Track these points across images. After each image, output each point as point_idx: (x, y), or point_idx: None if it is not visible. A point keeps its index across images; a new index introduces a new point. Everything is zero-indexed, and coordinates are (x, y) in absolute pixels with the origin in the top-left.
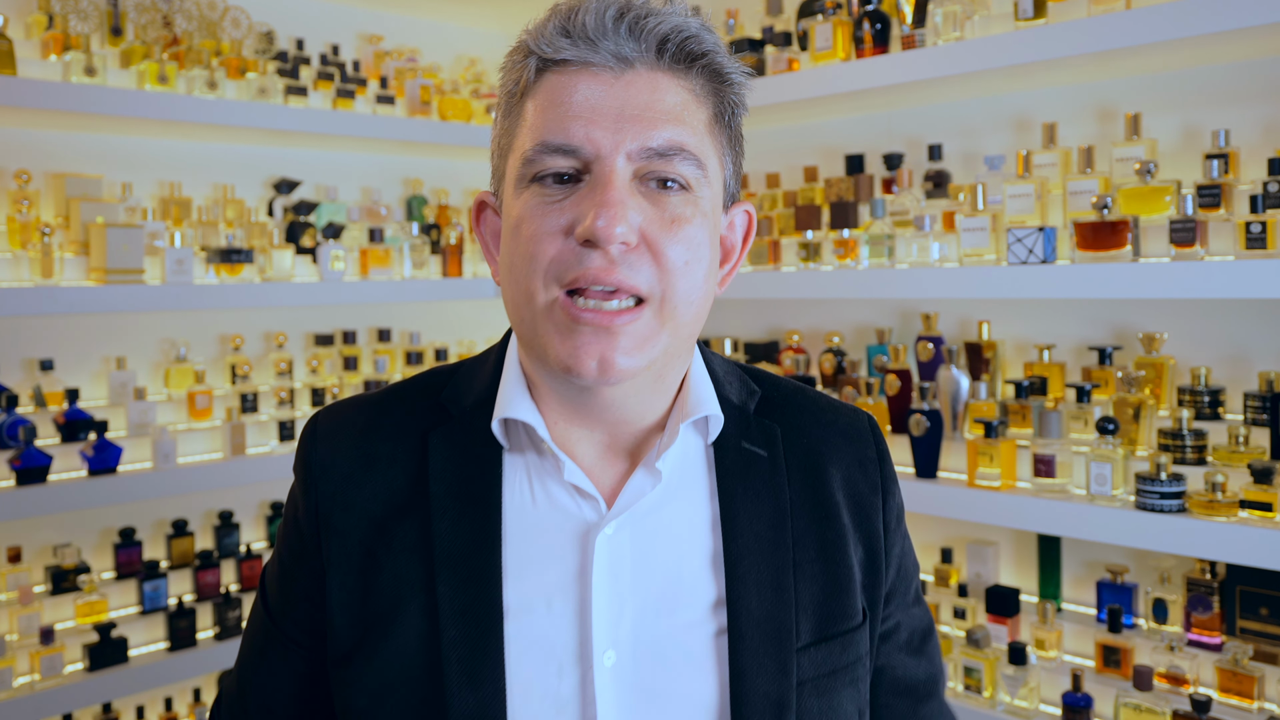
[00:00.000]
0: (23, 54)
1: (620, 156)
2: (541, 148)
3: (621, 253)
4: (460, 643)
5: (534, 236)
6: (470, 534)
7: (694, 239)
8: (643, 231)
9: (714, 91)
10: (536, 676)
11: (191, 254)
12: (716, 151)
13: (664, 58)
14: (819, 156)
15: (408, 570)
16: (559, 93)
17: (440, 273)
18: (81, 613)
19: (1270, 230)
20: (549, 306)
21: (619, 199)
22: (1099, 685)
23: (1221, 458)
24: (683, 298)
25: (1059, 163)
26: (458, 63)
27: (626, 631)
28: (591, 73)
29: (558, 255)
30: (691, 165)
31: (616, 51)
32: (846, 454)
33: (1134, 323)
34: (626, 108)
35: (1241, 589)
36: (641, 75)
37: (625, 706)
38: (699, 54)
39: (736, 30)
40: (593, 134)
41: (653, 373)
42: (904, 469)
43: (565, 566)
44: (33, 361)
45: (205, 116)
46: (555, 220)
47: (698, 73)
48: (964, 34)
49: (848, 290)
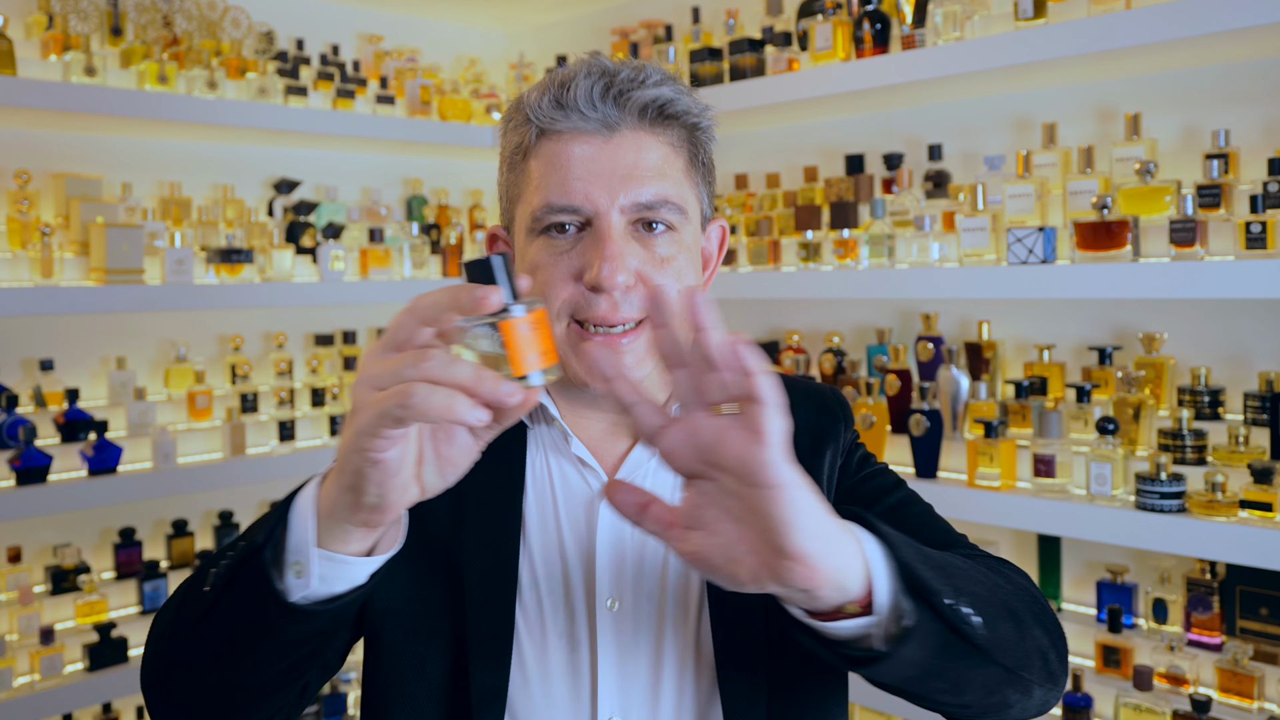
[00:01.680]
0: (23, 54)
1: (615, 211)
2: (548, 208)
3: (622, 294)
4: (481, 571)
5: (549, 282)
6: (496, 484)
7: (679, 270)
8: (637, 271)
9: (688, 139)
10: (555, 617)
11: (191, 254)
12: (694, 191)
13: (645, 120)
14: (819, 156)
15: (438, 506)
16: (558, 156)
17: (440, 273)
18: (81, 613)
19: (1270, 230)
20: (565, 334)
21: (618, 251)
22: (1099, 685)
23: (1221, 458)
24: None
25: (1059, 163)
26: (458, 63)
27: (628, 583)
28: (584, 138)
29: (569, 297)
30: (674, 211)
31: (603, 120)
32: (807, 406)
33: (1134, 323)
34: (617, 168)
35: (1241, 589)
36: (627, 137)
37: (626, 645)
38: (675, 115)
39: (736, 30)
40: (590, 193)
41: (652, 376)
42: (904, 469)
43: (576, 526)
44: (33, 361)
45: (205, 116)
46: (565, 268)
47: (675, 129)
48: (964, 34)
49: (848, 290)
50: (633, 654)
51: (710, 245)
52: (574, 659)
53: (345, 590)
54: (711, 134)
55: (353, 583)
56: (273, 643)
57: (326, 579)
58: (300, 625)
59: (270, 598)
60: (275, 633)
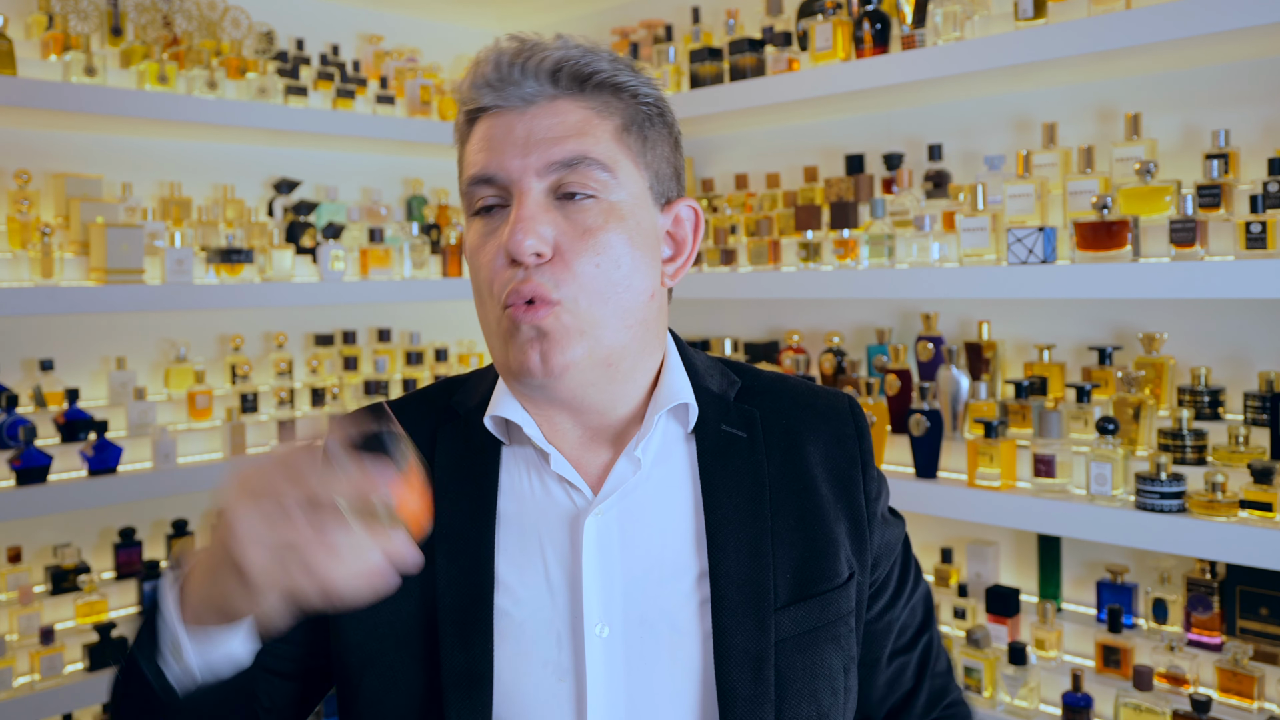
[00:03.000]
0: (23, 54)
1: (530, 176)
2: (470, 181)
3: (535, 264)
4: (454, 609)
5: (481, 264)
6: (467, 512)
7: (608, 244)
8: (556, 243)
9: (617, 106)
10: (537, 646)
11: (191, 254)
12: (629, 157)
13: (559, 85)
14: (819, 156)
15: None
16: (480, 134)
17: (440, 273)
18: (81, 613)
19: (1270, 230)
20: (497, 322)
21: (527, 214)
22: (1099, 685)
23: (1221, 458)
24: (600, 297)
25: (1059, 163)
26: (458, 63)
27: (618, 607)
28: (502, 113)
29: (495, 276)
30: (597, 169)
31: (518, 92)
32: (824, 431)
33: (1134, 323)
34: (533, 134)
35: (1241, 589)
36: (544, 106)
37: (615, 674)
38: (587, 74)
39: (736, 30)
40: (505, 162)
41: (599, 365)
42: (904, 469)
43: (559, 548)
44: (33, 361)
45: (205, 116)
46: (492, 246)
47: (593, 91)
48: (964, 34)
49: (848, 290)
50: (624, 683)
51: (681, 230)
52: (559, 689)
53: (231, 674)
54: (656, 108)
55: (235, 662)
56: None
57: (207, 660)
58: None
59: (156, 699)
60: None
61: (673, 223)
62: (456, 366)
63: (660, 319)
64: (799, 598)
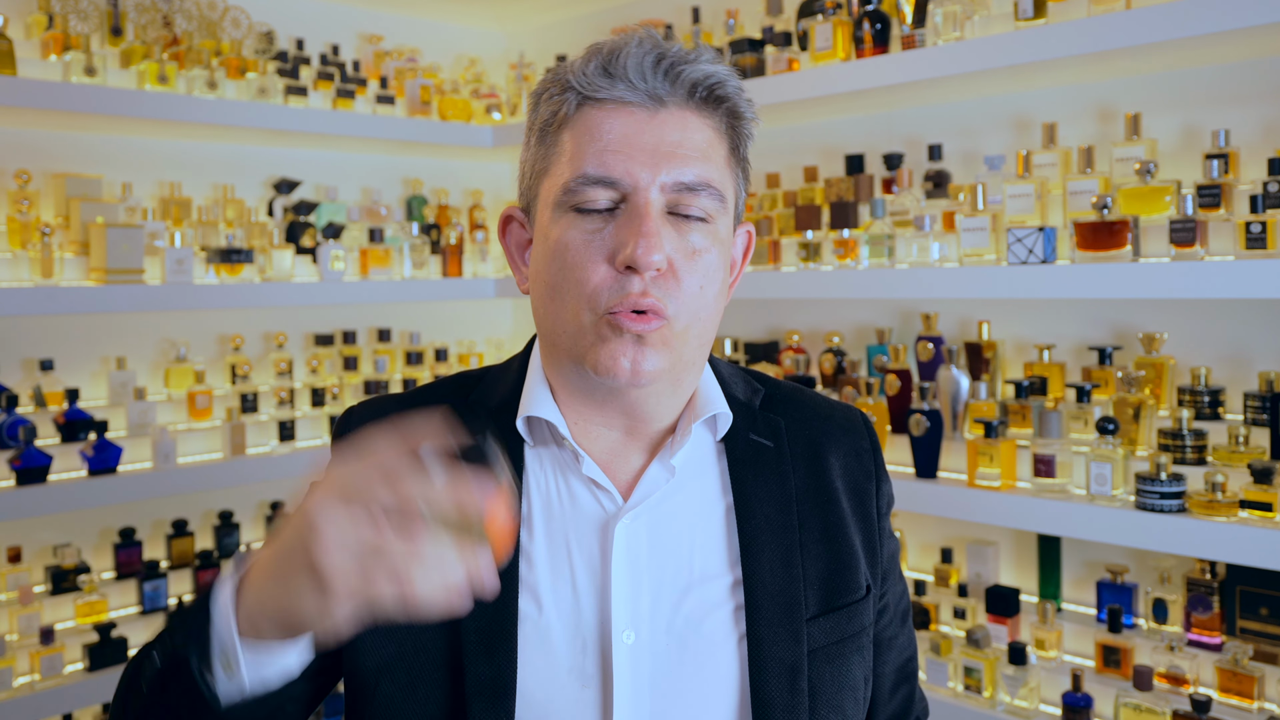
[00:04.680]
0: (23, 54)
1: (655, 189)
2: (583, 179)
3: (653, 278)
4: (478, 615)
5: (579, 264)
6: None
7: (709, 266)
8: (669, 258)
9: (732, 128)
10: (564, 652)
11: (191, 254)
12: (733, 183)
13: (693, 99)
14: (819, 156)
15: None
16: (597, 128)
17: (440, 273)
18: (81, 613)
19: (1270, 230)
20: (593, 324)
21: (655, 229)
22: (1099, 685)
23: (1221, 458)
24: (695, 317)
25: (1059, 163)
26: (458, 63)
27: (645, 614)
28: (628, 110)
29: (601, 282)
30: (714, 199)
31: (652, 92)
32: (843, 444)
33: (1134, 323)
34: (661, 144)
35: (1241, 589)
36: (673, 114)
37: (642, 681)
38: (724, 98)
39: (736, 30)
40: (631, 168)
41: (671, 378)
42: (904, 469)
43: (588, 553)
44: (33, 361)
45: (205, 116)
46: (599, 250)
47: (722, 114)
48: (964, 34)
49: (848, 290)
50: (650, 691)
51: (736, 250)
52: (582, 696)
53: (280, 683)
54: (751, 130)
55: (286, 674)
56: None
57: (259, 673)
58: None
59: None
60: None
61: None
62: (456, 366)
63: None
64: (827, 609)
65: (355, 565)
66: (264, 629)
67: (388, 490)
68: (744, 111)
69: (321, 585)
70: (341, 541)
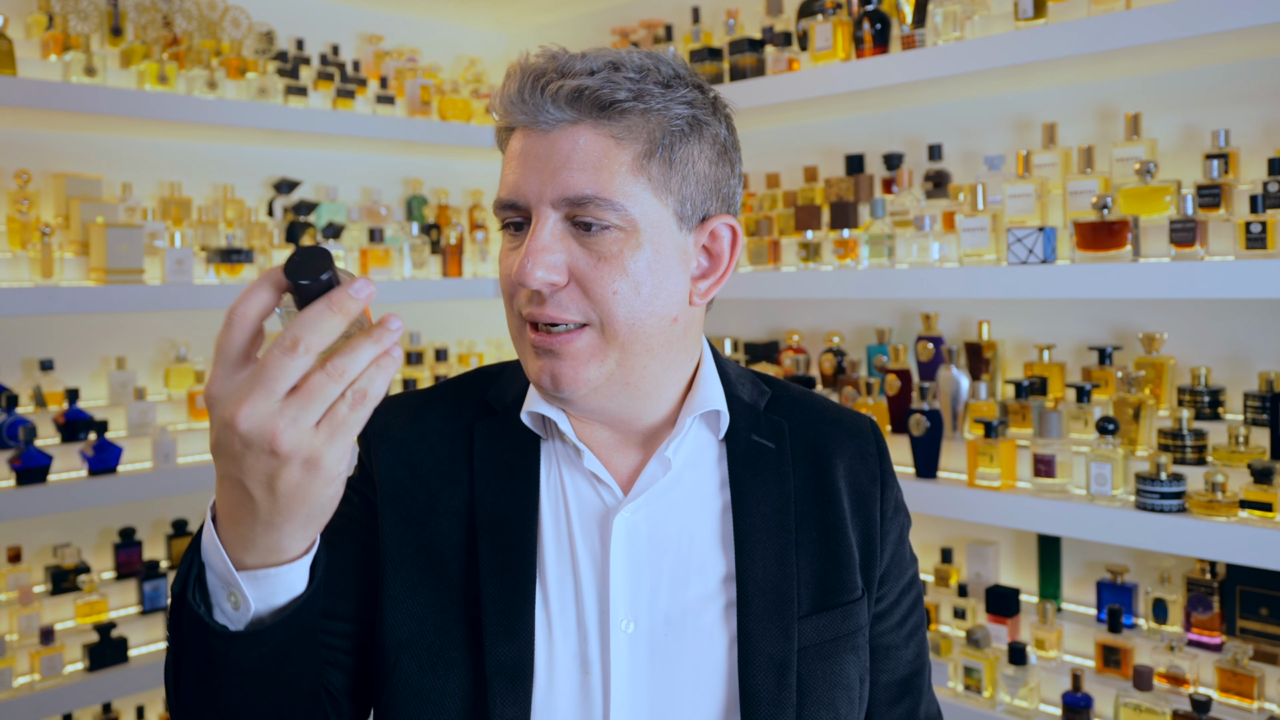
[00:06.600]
0: (23, 54)
1: (546, 205)
2: (498, 203)
3: (550, 292)
4: (497, 598)
5: (504, 277)
6: (510, 504)
7: (627, 270)
8: (571, 269)
9: (642, 129)
10: (566, 639)
11: (191, 254)
12: (649, 186)
13: (580, 110)
14: (819, 156)
15: (450, 532)
16: (509, 152)
17: (440, 273)
18: (81, 613)
19: (1270, 230)
20: (519, 334)
21: (538, 247)
22: (1099, 685)
23: (1221, 458)
24: (623, 320)
25: (1059, 163)
26: (458, 63)
27: (644, 604)
28: (526, 132)
29: (516, 293)
30: (606, 208)
31: (540, 111)
32: (849, 447)
33: (1134, 323)
34: (550, 162)
35: (1241, 589)
36: (565, 131)
37: (640, 669)
38: (608, 102)
39: (736, 30)
40: (523, 189)
41: (614, 385)
42: (904, 469)
43: (590, 543)
44: (33, 361)
45: (205, 116)
46: (515, 262)
47: (617, 116)
48: (964, 34)
49: (848, 290)
50: (647, 679)
51: (718, 245)
52: (585, 682)
53: (286, 601)
54: (689, 124)
55: (292, 591)
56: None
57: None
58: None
59: (211, 635)
60: (233, 667)
61: (709, 238)
62: (456, 366)
63: (688, 335)
64: (820, 607)
65: (308, 428)
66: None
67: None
68: (653, 106)
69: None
70: (291, 420)
